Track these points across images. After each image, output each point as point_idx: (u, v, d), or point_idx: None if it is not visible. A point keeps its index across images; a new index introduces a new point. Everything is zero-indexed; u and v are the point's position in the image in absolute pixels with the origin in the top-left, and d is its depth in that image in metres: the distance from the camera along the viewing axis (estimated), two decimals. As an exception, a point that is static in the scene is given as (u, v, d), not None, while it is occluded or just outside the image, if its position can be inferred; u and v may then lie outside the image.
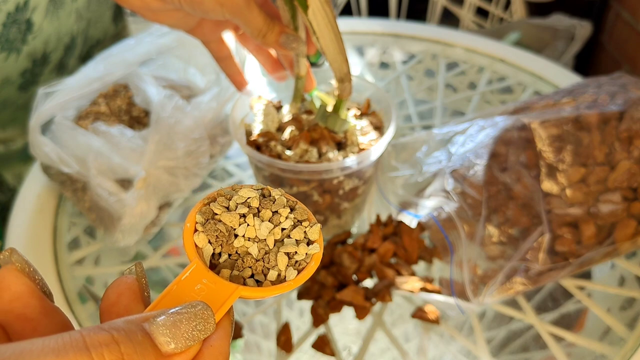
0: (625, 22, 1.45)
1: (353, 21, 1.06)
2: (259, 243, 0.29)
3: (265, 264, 0.29)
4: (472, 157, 0.58)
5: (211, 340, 0.24)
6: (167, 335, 0.23)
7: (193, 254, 0.28)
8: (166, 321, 0.23)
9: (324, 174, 0.53)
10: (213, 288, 0.27)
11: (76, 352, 0.20)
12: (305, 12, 0.47)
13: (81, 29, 0.75)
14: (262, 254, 0.29)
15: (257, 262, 0.29)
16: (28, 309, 0.24)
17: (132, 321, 0.23)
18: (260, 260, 0.29)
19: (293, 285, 0.29)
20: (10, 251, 0.25)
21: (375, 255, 0.57)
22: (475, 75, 0.93)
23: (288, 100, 0.61)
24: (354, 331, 0.63)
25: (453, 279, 0.53)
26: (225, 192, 0.31)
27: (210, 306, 0.25)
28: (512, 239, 0.55)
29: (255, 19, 0.48)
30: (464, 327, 0.61)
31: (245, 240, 0.29)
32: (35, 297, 0.25)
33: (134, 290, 0.26)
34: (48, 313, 0.25)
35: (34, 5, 0.64)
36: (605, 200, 0.56)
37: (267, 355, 0.64)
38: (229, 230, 0.29)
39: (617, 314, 0.59)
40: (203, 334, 0.24)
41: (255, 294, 0.28)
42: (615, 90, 0.61)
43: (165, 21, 0.52)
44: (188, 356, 0.24)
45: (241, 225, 0.29)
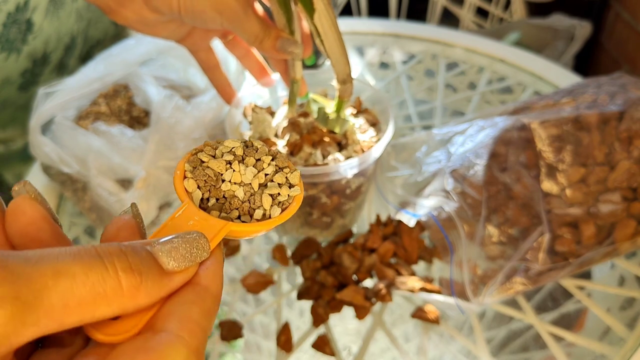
0: (625, 22, 1.45)
1: (353, 21, 1.06)
2: (245, 187, 0.31)
3: (251, 205, 0.31)
4: (471, 157, 0.58)
5: (207, 264, 0.27)
6: (168, 255, 0.25)
7: (184, 196, 0.30)
8: (166, 244, 0.26)
9: (332, 175, 0.53)
10: (204, 224, 0.29)
11: (90, 257, 0.23)
12: (312, 16, 0.47)
13: (81, 29, 0.75)
14: (247, 196, 0.31)
15: (244, 204, 0.31)
16: (41, 233, 0.27)
17: (135, 243, 0.25)
18: (247, 202, 0.31)
19: (278, 221, 0.31)
20: (24, 183, 0.28)
21: (375, 255, 0.57)
22: (475, 75, 0.94)
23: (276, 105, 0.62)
24: (354, 331, 0.63)
25: (453, 279, 0.53)
26: (211, 143, 0.33)
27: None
28: (512, 239, 0.55)
29: (253, 26, 0.49)
30: (463, 327, 0.61)
31: (231, 185, 0.31)
32: (47, 223, 0.27)
33: (132, 226, 0.28)
34: (59, 238, 0.27)
35: (34, 5, 0.64)
36: (605, 200, 0.56)
37: (267, 355, 0.64)
38: (216, 175, 0.31)
39: (617, 313, 0.59)
40: (199, 257, 0.26)
41: (244, 228, 0.30)
42: (615, 91, 0.61)
43: (159, 34, 0.52)
44: (187, 275, 0.26)
45: (227, 171, 0.31)
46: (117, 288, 0.23)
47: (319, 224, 0.60)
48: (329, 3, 0.47)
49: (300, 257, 0.59)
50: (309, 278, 0.57)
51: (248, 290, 0.57)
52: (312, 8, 0.47)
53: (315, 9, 0.47)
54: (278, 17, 0.50)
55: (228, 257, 0.61)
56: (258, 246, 0.63)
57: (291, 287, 0.59)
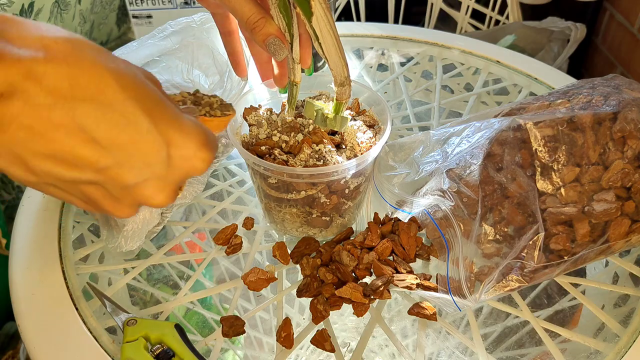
0: (618, 24, 1.46)
1: (352, 25, 1.07)
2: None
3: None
4: (468, 157, 0.58)
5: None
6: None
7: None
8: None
9: (332, 175, 0.54)
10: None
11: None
12: (310, 20, 0.48)
13: (85, 31, 0.76)
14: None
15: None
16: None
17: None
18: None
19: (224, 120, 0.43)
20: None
21: (373, 253, 0.58)
22: (471, 77, 0.95)
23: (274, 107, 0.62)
24: (352, 327, 0.64)
25: (449, 276, 0.54)
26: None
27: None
28: (508, 237, 0.56)
29: (240, 8, 0.48)
30: (460, 323, 0.62)
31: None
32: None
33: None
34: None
35: (38, 8, 0.65)
36: (599, 199, 0.57)
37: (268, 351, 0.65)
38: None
39: (611, 310, 0.60)
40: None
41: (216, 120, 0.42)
42: (609, 92, 0.62)
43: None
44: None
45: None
46: None
47: (319, 223, 0.60)
48: (327, 7, 0.48)
49: (300, 255, 0.60)
50: (308, 275, 0.58)
51: (249, 288, 0.58)
52: (310, 12, 0.47)
53: (313, 13, 0.48)
54: (278, 21, 0.51)
55: (229, 254, 0.62)
56: (259, 244, 0.64)
57: (291, 284, 0.60)
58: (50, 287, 0.58)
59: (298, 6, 0.48)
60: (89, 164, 0.31)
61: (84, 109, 0.29)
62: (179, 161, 0.33)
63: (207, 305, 0.71)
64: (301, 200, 0.57)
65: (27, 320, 0.55)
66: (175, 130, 0.33)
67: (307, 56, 0.55)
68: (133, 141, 0.31)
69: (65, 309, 0.56)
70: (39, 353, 0.53)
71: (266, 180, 0.57)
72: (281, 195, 0.57)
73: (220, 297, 0.71)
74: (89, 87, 0.29)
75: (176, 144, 0.33)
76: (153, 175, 0.33)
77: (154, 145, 0.32)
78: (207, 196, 0.71)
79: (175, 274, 0.72)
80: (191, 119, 0.34)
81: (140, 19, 0.92)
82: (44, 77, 0.28)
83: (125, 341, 0.51)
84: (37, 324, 0.55)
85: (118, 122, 0.30)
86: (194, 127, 0.34)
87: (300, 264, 0.59)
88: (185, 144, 0.33)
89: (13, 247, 0.62)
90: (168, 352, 0.50)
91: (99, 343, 0.53)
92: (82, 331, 0.54)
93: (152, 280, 0.68)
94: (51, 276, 0.59)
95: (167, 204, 0.35)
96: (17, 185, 0.80)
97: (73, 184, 0.32)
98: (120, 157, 0.31)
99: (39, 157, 0.30)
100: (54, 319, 0.55)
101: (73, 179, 0.31)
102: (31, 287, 0.58)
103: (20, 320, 0.55)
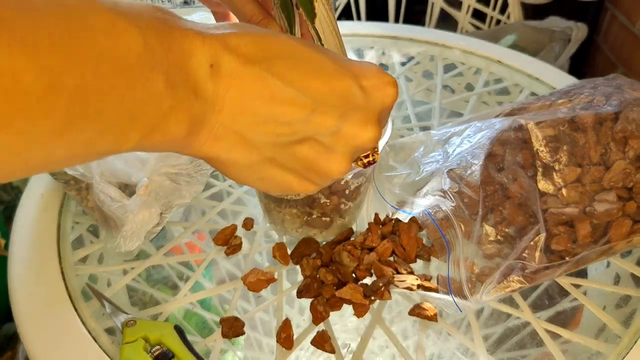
0: (620, 24, 1.46)
1: (353, 24, 1.07)
2: None
3: None
4: (469, 157, 0.58)
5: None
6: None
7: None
8: None
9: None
10: None
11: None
12: (312, 21, 0.48)
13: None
14: None
15: None
16: None
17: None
18: None
19: None
20: None
21: (374, 254, 0.57)
22: (472, 76, 0.94)
23: None
24: (353, 328, 0.64)
25: (450, 277, 0.54)
26: None
27: None
28: (509, 238, 0.56)
29: (242, 7, 0.48)
30: (461, 324, 0.62)
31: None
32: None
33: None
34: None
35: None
36: (601, 199, 0.56)
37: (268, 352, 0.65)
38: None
39: (613, 311, 0.60)
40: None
41: None
42: (611, 92, 0.62)
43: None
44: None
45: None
46: None
47: (319, 224, 0.60)
48: (330, 8, 0.48)
49: (300, 256, 0.60)
50: (308, 276, 0.58)
51: (249, 288, 0.58)
52: (313, 13, 0.47)
53: (316, 14, 0.47)
54: (280, 23, 0.50)
55: (229, 255, 0.61)
56: (259, 245, 0.64)
57: (291, 285, 0.60)
58: (49, 288, 0.58)
59: (301, 7, 0.48)
60: (297, 116, 0.33)
61: (278, 66, 0.32)
62: (372, 90, 0.35)
63: (206, 306, 0.71)
64: (301, 201, 0.57)
65: (26, 321, 0.55)
66: (355, 66, 0.35)
67: None
68: (326, 82, 0.33)
69: (64, 309, 0.56)
70: (38, 354, 0.52)
71: None
72: (281, 195, 0.57)
73: (220, 298, 0.71)
74: (273, 47, 0.32)
75: (363, 76, 0.35)
76: (354, 108, 0.35)
77: (344, 81, 0.34)
78: (206, 196, 0.71)
79: (174, 274, 0.72)
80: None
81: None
82: (237, 48, 0.31)
83: (124, 342, 0.51)
84: (36, 325, 0.54)
85: (307, 69, 0.33)
86: (365, 62, 0.36)
87: (300, 265, 0.59)
88: (370, 73, 0.35)
89: (12, 248, 0.61)
90: (167, 353, 0.50)
91: (98, 344, 0.53)
92: (81, 332, 0.54)
93: (152, 281, 0.68)
94: (50, 277, 0.59)
95: (376, 139, 0.37)
96: (16, 185, 0.80)
97: (289, 147, 0.34)
98: (320, 99, 0.33)
99: (254, 127, 0.32)
100: (53, 320, 0.55)
101: (289, 139, 0.34)
102: (30, 288, 0.58)
103: (19, 321, 0.55)
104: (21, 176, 0.26)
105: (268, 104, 0.31)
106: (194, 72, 0.29)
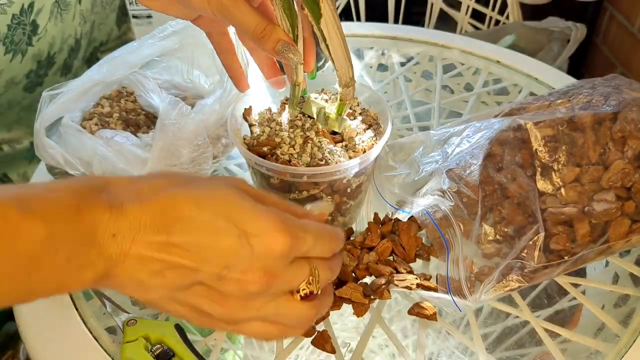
0: (619, 24, 1.46)
1: (352, 24, 1.07)
2: None
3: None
4: (468, 157, 0.58)
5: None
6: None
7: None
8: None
9: (335, 174, 0.54)
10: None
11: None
12: (318, 22, 0.48)
13: (85, 31, 0.76)
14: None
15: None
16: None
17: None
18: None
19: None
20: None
21: (373, 253, 0.57)
22: (471, 77, 0.95)
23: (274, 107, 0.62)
24: (352, 327, 0.64)
25: (449, 277, 0.54)
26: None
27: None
28: (508, 237, 0.56)
29: (245, 19, 0.47)
30: (460, 323, 0.62)
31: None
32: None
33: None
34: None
35: (38, 8, 0.65)
36: (600, 199, 0.57)
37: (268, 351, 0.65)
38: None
39: (611, 310, 0.60)
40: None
41: None
42: (609, 92, 0.62)
43: (168, 11, 0.52)
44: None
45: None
46: None
47: (319, 222, 0.60)
48: (334, 8, 0.48)
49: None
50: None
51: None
52: (319, 13, 0.47)
53: (322, 15, 0.48)
54: (282, 23, 0.50)
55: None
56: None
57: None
58: (50, 287, 0.58)
59: (306, 7, 0.48)
60: (186, 272, 0.38)
61: (173, 231, 0.37)
62: (258, 246, 0.38)
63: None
64: (303, 199, 0.57)
65: (27, 320, 0.55)
66: (248, 222, 0.38)
67: (310, 60, 0.55)
68: (213, 240, 0.38)
69: (65, 309, 0.56)
70: (39, 353, 0.53)
71: (268, 181, 0.57)
72: (283, 195, 0.57)
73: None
74: (172, 215, 0.37)
75: (252, 233, 0.38)
76: (239, 261, 0.38)
77: (231, 238, 0.38)
78: (207, 196, 0.70)
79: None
80: (270, 209, 0.40)
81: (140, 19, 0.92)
82: (139, 219, 0.36)
83: (125, 341, 0.51)
84: (37, 324, 0.55)
85: (199, 229, 0.37)
86: (269, 214, 0.39)
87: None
88: (259, 229, 0.38)
89: (13, 247, 0.61)
90: (168, 352, 0.50)
91: (98, 343, 0.53)
92: (82, 331, 0.54)
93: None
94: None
95: (260, 290, 0.40)
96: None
97: (182, 291, 0.39)
98: (206, 255, 0.38)
99: (151, 277, 0.37)
100: (54, 319, 0.55)
101: (181, 283, 0.38)
102: (31, 287, 0.58)
103: (20, 320, 0.55)
104: None
105: (161, 264, 0.37)
106: (99, 240, 0.35)
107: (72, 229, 0.35)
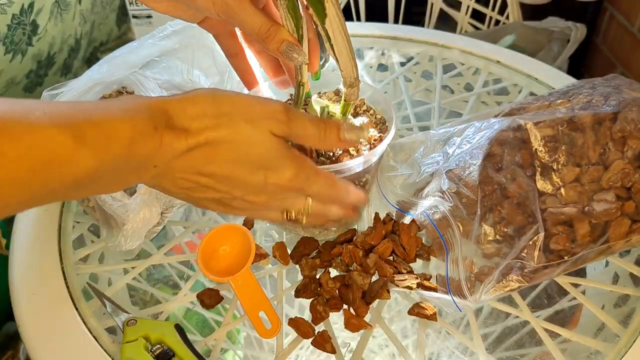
0: (619, 24, 1.46)
1: (352, 25, 1.07)
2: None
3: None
4: (467, 158, 0.59)
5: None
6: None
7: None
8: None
9: (343, 172, 0.54)
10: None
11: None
12: (323, 21, 0.48)
13: (85, 31, 0.76)
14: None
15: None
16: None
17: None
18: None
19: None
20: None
21: (374, 253, 0.58)
22: (471, 77, 0.95)
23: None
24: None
25: (449, 277, 0.54)
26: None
27: None
28: (508, 238, 0.56)
29: (250, 20, 0.47)
30: (460, 323, 0.62)
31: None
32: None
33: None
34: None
35: (38, 8, 0.65)
36: (599, 199, 0.57)
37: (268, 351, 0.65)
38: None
39: (611, 310, 0.60)
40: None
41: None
42: (609, 92, 0.62)
43: (174, 13, 0.52)
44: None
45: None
46: None
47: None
48: (339, 8, 0.48)
49: (299, 256, 0.60)
50: (307, 276, 0.58)
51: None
52: (324, 14, 0.47)
53: (327, 15, 0.48)
54: (286, 22, 0.50)
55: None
56: (259, 244, 0.64)
57: (291, 284, 0.60)
58: (50, 287, 0.58)
59: (311, 7, 0.48)
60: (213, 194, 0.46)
61: (216, 151, 0.44)
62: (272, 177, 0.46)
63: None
64: None
65: (27, 320, 0.55)
66: (272, 161, 0.46)
67: (315, 61, 0.55)
68: (245, 174, 0.45)
69: (65, 309, 0.56)
70: (39, 353, 0.53)
71: None
72: None
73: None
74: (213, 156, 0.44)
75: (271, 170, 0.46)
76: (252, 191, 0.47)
77: (258, 175, 0.46)
78: (207, 196, 0.71)
79: (175, 274, 0.72)
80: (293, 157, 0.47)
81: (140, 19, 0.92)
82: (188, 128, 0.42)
83: (125, 341, 0.51)
84: (37, 324, 0.55)
85: (235, 159, 0.44)
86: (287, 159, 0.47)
87: (299, 265, 0.59)
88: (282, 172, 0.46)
89: (13, 247, 0.62)
90: (168, 352, 0.50)
91: (99, 343, 0.53)
92: (82, 331, 0.54)
93: (152, 280, 0.68)
94: (51, 276, 0.59)
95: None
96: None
97: (204, 190, 0.46)
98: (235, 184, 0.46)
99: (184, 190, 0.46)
100: (54, 319, 0.55)
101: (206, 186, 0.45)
102: (31, 287, 0.58)
103: (20, 320, 0.55)
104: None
105: (192, 184, 0.45)
106: (142, 170, 0.42)
107: (121, 161, 0.39)
